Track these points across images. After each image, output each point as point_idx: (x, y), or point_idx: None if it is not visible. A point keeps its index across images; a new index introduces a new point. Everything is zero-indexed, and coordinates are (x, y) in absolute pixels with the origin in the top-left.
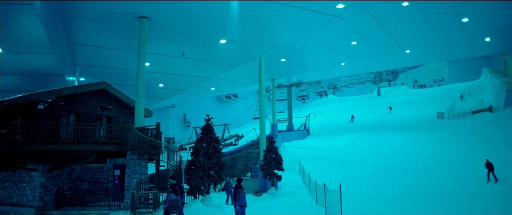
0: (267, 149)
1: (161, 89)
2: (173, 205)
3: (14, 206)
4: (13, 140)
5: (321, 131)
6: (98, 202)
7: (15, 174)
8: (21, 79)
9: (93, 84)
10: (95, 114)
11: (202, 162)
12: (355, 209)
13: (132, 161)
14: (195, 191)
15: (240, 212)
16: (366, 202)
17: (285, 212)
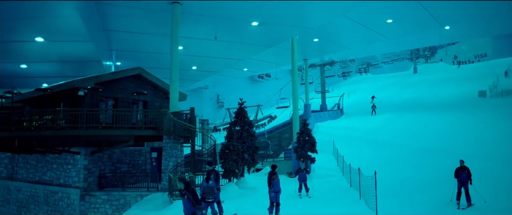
0: (301, 131)
1: (195, 72)
2: (207, 192)
3: (62, 186)
4: (57, 125)
5: (355, 110)
6: (137, 183)
7: (61, 156)
8: (62, 65)
9: (129, 70)
10: (132, 99)
11: (236, 146)
12: (389, 193)
13: (168, 145)
14: (230, 174)
15: (275, 198)
16: (400, 186)
17: (319, 194)
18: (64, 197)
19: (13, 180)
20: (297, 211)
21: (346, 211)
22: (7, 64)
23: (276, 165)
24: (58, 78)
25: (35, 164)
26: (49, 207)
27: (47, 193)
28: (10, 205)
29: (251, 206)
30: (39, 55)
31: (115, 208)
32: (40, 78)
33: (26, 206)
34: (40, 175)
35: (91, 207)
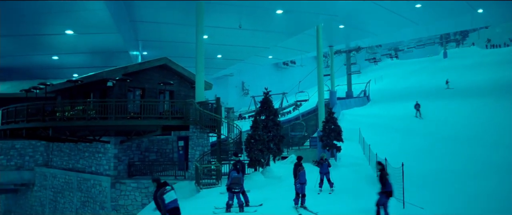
0: (326, 120)
1: (220, 60)
2: (235, 182)
3: (93, 174)
4: (88, 116)
5: (382, 97)
6: (165, 171)
7: (92, 145)
8: (91, 56)
9: (155, 61)
10: (159, 89)
11: (261, 135)
12: (418, 185)
13: (194, 134)
14: (255, 164)
15: (300, 190)
16: (429, 177)
17: (345, 183)
18: (96, 184)
19: (49, 167)
20: (322, 202)
21: (372, 203)
22: (40, 56)
23: (301, 157)
24: (88, 69)
25: (68, 152)
26: (82, 193)
27: (80, 180)
28: (46, 191)
29: (276, 195)
30: (70, 47)
31: (144, 196)
32: (70, 69)
33: (61, 192)
34: (73, 162)
35: (121, 194)
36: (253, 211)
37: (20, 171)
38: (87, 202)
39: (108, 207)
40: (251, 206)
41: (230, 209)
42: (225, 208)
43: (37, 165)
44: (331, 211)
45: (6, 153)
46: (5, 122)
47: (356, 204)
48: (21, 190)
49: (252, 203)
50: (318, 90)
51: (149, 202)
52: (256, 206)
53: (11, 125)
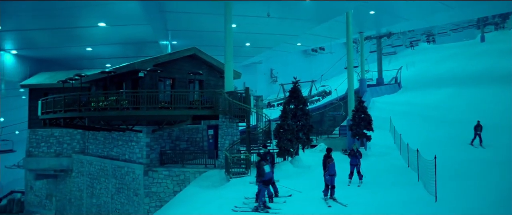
0: (356, 109)
1: (248, 48)
2: (270, 177)
3: (127, 161)
4: (121, 106)
5: (414, 84)
6: (195, 159)
7: (125, 134)
8: (123, 47)
9: (185, 51)
10: (188, 78)
11: (291, 125)
12: (451, 176)
13: (224, 123)
14: (285, 153)
15: (330, 181)
16: (463, 168)
17: (375, 174)
18: (130, 172)
19: (85, 154)
20: (352, 194)
21: (402, 194)
22: (75, 47)
23: (331, 148)
24: (120, 59)
25: (103, 140)
26: (117, 180)
27: (115, 167)
28: (83, 177)
29: (306, 185)
30: (102, 39)
31: (176, 183)
32: (103, 59)
33: (97, 178)
34: (108, 150)
35: (154, 182)
36: (283, 202)
37: (59, 157)
38: (122, 189)
39: (142, 194)
40: (280, 197)
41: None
42: (255, 198)
43: (74, 152)
44: (360, 203)
45: (47, 141)
46: (45, 112)
47: (385, 196)
48: (61, 176)
49: (281, 193)
50: (348, 77)
51: (180, 189)
52: (285, 197)
53: (50, 115)
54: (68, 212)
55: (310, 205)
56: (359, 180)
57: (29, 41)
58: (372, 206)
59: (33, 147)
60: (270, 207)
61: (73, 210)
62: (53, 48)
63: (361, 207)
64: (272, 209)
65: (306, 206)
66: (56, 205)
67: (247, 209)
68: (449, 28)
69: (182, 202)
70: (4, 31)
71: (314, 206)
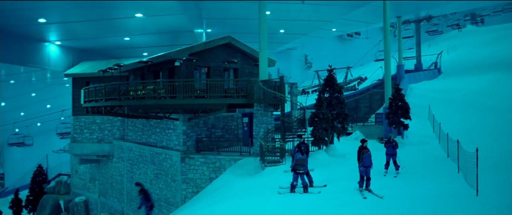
0: (393, 97)
1: (282, 35)
2: (299, 164)
3: (164, 148)
4: (158, 95)
5: (456, 69)
6: (230, 147)
7: (163, 122)
8: (159, 36)
9: (220, 39)
10: (223, 67)
11: (326, 113)
12: (494, 168)
13: (259, 112)
14: (319, 142)
15: (364, 173)
16: (508, 159)
17: (412, 164)
18: (167, 158)
19: (125, 141)
20: (388, 185)
21: (441, 186)
22: (114, 37)
23: (366, 140)
24: (156, 48)
25: (141, 127)
26: (155, 166)
27: (153, 154)
28: (124, 162)
29: (341, 175)
30: (139, 29)
31: (212, 170)
32: (140, 48)
33: (136, 164)
34: (146, 137)
35: (190, 169)
36: (317, 192)
37: (101, 143)
38: (160, 175)
39: (179, 180)
40: (315, 187)
41: (294, 189)
42: (289, 188)
43: (115, 139)
44: (396, 195)
45: (89, 128)
46: (87, 100)
47: (423, 188)
48: (103, 161)
49: (315, 183)
50: (385, 64)
51: (216, 176)
52: (320, 187)
53: (92, 103)
54: (110, 195)
55: (345, 195)
56: (396, 170)
57: (71, 33)
58: (409, 198)
59: (77, 133)
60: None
61: (114, 194)
62: (93, 38)
63: (397, 199)
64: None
65: (341, 197)
66: (99, 188)
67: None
68: (491, 11)
69: (218, 190)
70: (50, 24)
71: (349, 197)
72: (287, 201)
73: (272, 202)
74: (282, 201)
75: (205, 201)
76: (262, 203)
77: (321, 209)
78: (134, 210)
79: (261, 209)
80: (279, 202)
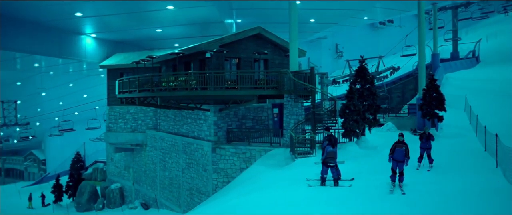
0: (427, 87)
1: (313, 24)
2: (330, 157)
3: (196, 138)
4: (189, 86)
5: (495, 58)
6: (260, 137)
7: (194, 112)
8: (189, 28)
9: (250, 30)
10: (253, 57)
11: (357, 105)
12: None
13: (289, 103)
14: (350, 134)
15: (395, 167)
16: None
17: (446, 157)
18: (199, 148)
19: (157, 131)
20: (420, 181)
21: (477, 182)
22: (146, 29)
23: (402, 133)
24: (187, 39)
25: (173, 118)
26: (187, 155)
27: (185, 144)
28: (156, 151)
29: (371, 168)
30: (171, 21)
31: (242, 160)
32: (172, 39)
33: (168, 153)
34: (178, 127)
35: (221, 159)
36: (348, 185)
37: (134, 133)
38: (191, 164)
39: (210, 170)
40: (344, 180)
41: (324, 182)
42: (319, 181)
43: (148, 128)
44: (429, 190)
45: (123, 117)
46: (121, 91)
47: (458, 183)
48: (136, 149)
49: (346, 176)
50: (419, 52)
51: (247, 167)
52: (349, 180)
53: (126, 94)
54: (144, 183)
55: (375, 190)
56: (429, 164)
57: (106, 25)
58: (442, 194)
59: (112, 123)
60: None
61: (148, 181)
62: (127, 30)
63: (430, 195)
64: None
65: (372, 191)
66: (133, 176)
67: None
68: None
69: (248, 180)
70: (86, 17)
71: (379, 191)
72: (317, 194)
73: (303, 194)
74: (313, 194)
75: (236, 192)
76: (292, 195)
77: (352, 203)
78: (167, 197)
79: (292, 201)
80: (309, 194)
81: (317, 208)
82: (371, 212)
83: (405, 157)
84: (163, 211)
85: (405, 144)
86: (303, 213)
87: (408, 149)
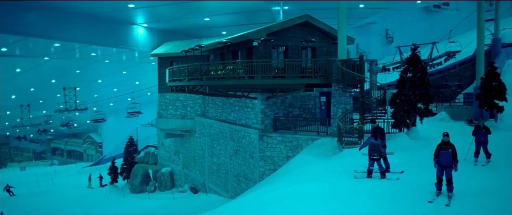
0: (486, 76)
1: (362, 10)
2: (373, 149)
3: (243, 126)
4: (237, 75)
5: None
6: (307, 126)
7: (241, 100)
8: (237, 16)
9: (297, 18)
10: (301, 45)
11: (408, 95)
12: None
13: (337, 92)
14: (400, 125)
15: (441, 173)
16: None
17: (506, 151)
18: (246, 136)
19: (206, 117)
20: (474, 178)
21: None
22: (195, 18)
23: (447, 133)
24: (234, 27)
25: (221, 105)
26: (234, 142)
27: (232, 131)
28: (205, 138)
29: (420, 162)
30: (218, 10)
31: (289, 149)
32: (219, 28)
33: (216, 139)
34: (226, 115)
35: (268, 147)
36: (396, 178)
37: (184, 119)
38: (239, 151)
39: (257, 157)
40: (392, 173)
41: (371, 175)
42: (366, 173)
43: (196, 115)
44: (482, 190)
45: (173, 104)
46: (171, 80)
47: None
48: (186, 135)
49: (393, 168)
50: (477, 38)
51: (293, 155)
52: (397, 173)
53: (176, 82)
54: (193, 167)
55: (423, 186)
56: (486, 159)
57: (156, 15)
58: (501, 193)
59: (162, 109)
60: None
61: (197, 166)
62: (176, 20)
63: (485, 195)
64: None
65: (419, 187)
66: (182, 161)
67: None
68: None
69: (295, 169)
70: (138, 8)
71: (426, 189)
72: (363, 187)
73: (349, 186)
74: (358, 187)
75: (283, 181)
76: (339, 187)
77: (397, 198)
78: (215, 182)
79: (337, 194)
80: (355, 187)
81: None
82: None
83: (453, 162)
84: (212, 195)
85: (451, 145)
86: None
87: (455, 151)
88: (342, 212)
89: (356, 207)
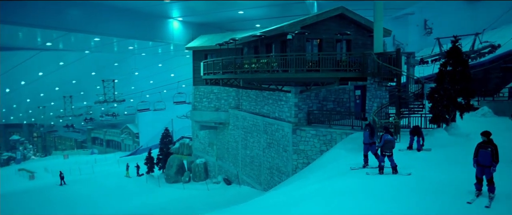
0: None
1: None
2: (388, 145)
3: (276, 119)
4: (271, 69)
5: None
6: (341, 120)
7: (275, 93)
8: (270, 9)
9: (332, 11)
10: (336, 38)
11: (447, 89)
12: None
13: (372, 86)
14: (439, 120)
15: (480, 173)
16: None
17: None
18: (279, 129)
19: (239, 110)
20: None
21: None
22: (229, 12)
23: (489, 132)
24: (267, 20)
25: (255, 98)
26: (268, 135)
27: (266, 124)
28: (238, 130)
29: (457, 159)
30: (252, 3)
31: (322, 143)
32: (253, 21)
33: (250, 132)
34: (259, 107)
35: (301, 140)
36: (407, 173)
37: (218, 112)
38: (272, 144)
39: (290, 151)
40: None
41: (382, 171)
42: (378, 169)
43: (230, 108)
44: None
45: (208, 97)
46: (206, 73)
47: None
48: (220, 128)
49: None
50: None
51: (327, 149)
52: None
53: (210, 76)
54: (226, 159)
55: (462, 187)
56: None
57: (191, 9)
58: None
59: (197, 102)
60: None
61: (230, 158)
62: (210, 13)
63: None
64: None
65: (456, 189)
66: (216, 152)
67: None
68: None
69: (329, 164)
70: (173, 2)
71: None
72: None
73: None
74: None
75: (317, 176)
76: (372, 183)
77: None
78: (248, 175)
79: (374, 189)
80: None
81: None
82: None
83: (492, 162)
84: (245, 187)
85: (491, 143)
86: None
87: (496, 150)
88: (380, 211)
89: (393, 205)
